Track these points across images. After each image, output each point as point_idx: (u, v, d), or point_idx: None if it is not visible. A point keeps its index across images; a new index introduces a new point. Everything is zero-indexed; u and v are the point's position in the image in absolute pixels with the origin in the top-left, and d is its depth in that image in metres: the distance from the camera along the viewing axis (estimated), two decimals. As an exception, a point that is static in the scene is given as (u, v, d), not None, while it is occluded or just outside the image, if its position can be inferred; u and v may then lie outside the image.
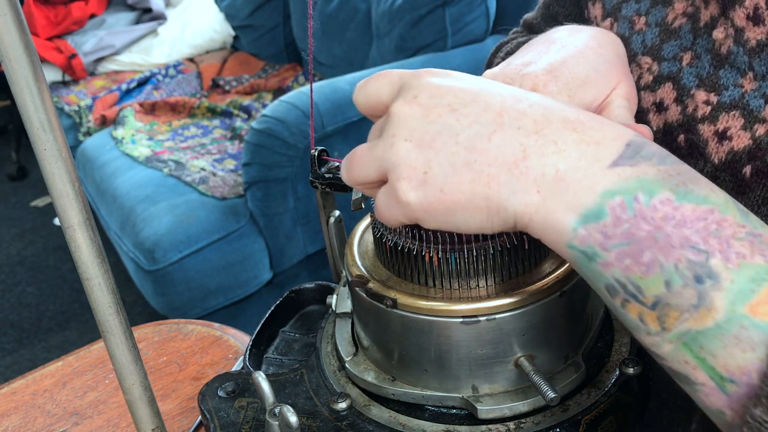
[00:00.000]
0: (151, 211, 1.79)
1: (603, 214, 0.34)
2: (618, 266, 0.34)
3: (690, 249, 0.32)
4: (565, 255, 0.36)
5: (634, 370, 0.48)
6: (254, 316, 1.83)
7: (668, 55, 0.54)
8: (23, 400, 0.70)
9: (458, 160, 0.36)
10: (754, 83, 0.48)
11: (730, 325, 0.31)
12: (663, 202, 0.33)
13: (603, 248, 0.34)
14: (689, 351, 0.33)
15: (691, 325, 0.32)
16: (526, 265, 0.46)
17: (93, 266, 0.43)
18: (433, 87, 0.39)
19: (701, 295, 0.32)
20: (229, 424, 0.51)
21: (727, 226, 0.33)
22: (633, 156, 0.35)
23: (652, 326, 0.33)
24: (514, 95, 0.38)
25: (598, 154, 0.35)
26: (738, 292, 0.31)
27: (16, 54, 0.37)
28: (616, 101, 0.50)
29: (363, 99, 0.43)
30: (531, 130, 0.36)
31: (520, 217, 0.36)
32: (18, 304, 2.50)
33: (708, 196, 0.34)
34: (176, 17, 2.94)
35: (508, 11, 1.94)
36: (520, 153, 0.36)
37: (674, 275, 0.32)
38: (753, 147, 0.47)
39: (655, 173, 0.34)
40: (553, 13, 0.73)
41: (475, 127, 0.37)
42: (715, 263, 0.32)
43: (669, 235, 0.32)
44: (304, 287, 0.66)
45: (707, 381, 0.33)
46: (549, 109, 0.37)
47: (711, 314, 0.32)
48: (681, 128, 0.52)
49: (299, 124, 1.65)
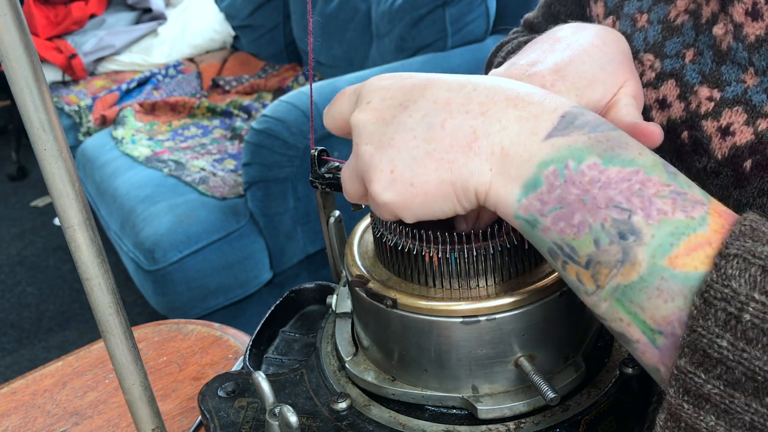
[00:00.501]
0: (151, 211, 1.79)
1: (539, 183, 0.36)
2: (554, 230, 0.36)
3: (614, 208, 0.34)
4: (515, 225, 0.38)
5: (634, 370, 0.48)
6: (254, 316, 1.83)
7: (671, 52, 0.54)
8: (23, 400, 0.70)
9: (419, 152, 0.38)
10: (755, 78, 0.48)
11: (652, 277, 0.33)
12: (590, 167, 0.35)
13: (541, 214, 0.36)
14: (621, 306, 0.34)
15: (620, 280, 0.34)
16: (526, 265, 0.46)
17: (93, 266, 0.43)
18: (383, 90, 0.41)
19: (625, 251, 0.33)
20: (229, 424, 0.51)
21: (651, 185, 0.34)
22: (566, 127, 0.37)
23: (588, 285, 0.35)
24: (459, 81, 0.40)
25: (535, 127, 0.37)
26: (658, 245, 0.33)
27: (16, 54, 0.37)
28: (624, 99, 0.50)
29: (331, 122, 0.46)
30: (477, 112, 0.38)
31: (480, 195, 0.38)
32: (18, 304, 2.50)
33: (635, 158, 0.35)
34: (176, 17, 2.94)
35: (508, 11, 1.94)
36: (471, 135, 0.38)
37: (601, 234, 0.34)
38: (755, 142, 0.47)
39: (585, 141, 0.36)
40: (554, 12, 0.73)
41: (427, 119, 0.39)
42: (637, 220, 0.33)
43: (595, 196, 0.34)
44: (304, 287, 0.66)
45: (641, 336, 0.34)
46: (492, 89, 0.39)
47: (635, 268, 0.33)
48: (684, 125, 0.52)
49: (299, 124, 1.65)
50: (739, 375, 0.30)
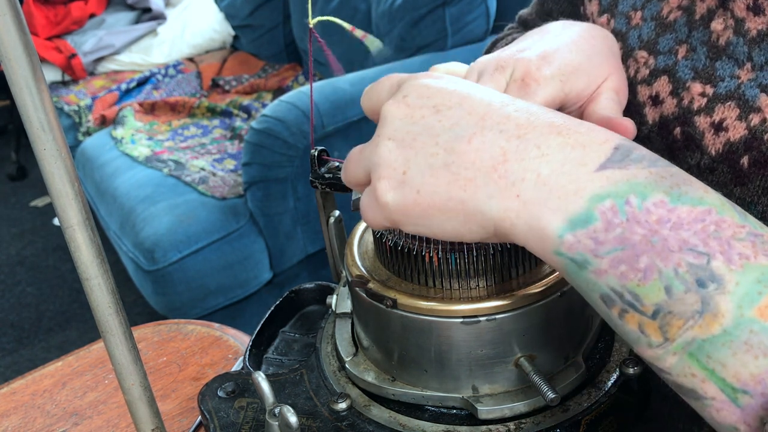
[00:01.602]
0: (150, 211, 1.79)
1: (592, 219, 0.32)
2: (613, 273, 0.32)
3: (689, 252, 0.31)
4: (553, 263, 0.34)
5: (634, 370, 0.48)
6: (254, 316, 1.83)
7: (664, 48, 0.54)
8: (23, 400, 0.70)
9: (437, 161, 0.36)
10: (751, 73, 0.48)
11: (738, 330, 0.30)
12: (657, 205, 0.32)
13: (595, 255, 0.32)
14: (696, 362, 0.31)
15: (697, 333, 0.30)
16: (527, 265, 0.46)
17: (93, 266, 0.43)
18: (423, 88, 0.39)
19: (705, 300, 0.30)
20: (229, 424, 0.51)
21: (726, 227, 0.31)
22: (622, 159, 0.33)
23: (653, 337, 0.32)
24: (502, 100, 0.37)
25: (584, 158, 0.34)
26: (744, 294, 0.30)
27: (16, 54, 0.37)
28: (606, 93, 0.50)
29: (367, 103, 0.43)
30: (513, 134, 0.35)
31: (500, 223, 0.35)
32: (18, 304, 2.50)
33: (703, 197, 0.32)
34: (176, 17, 2.94)
35: (508, 11, 1.94)
36: (500, 156, 0.35)
37: (674, 280, 0.31)
38: (749, 137, 0.47)
39: (646, 175, 0.33)
40: (547, 10, 0.73)
41: (456, 129, 0.36)
42: (718, 265, 0.30)
43: (666, 238, 0.31)
44: (304, 287, 0.66)
45: (717, 394, 0.31)
46: (534, 113, 0.36)
47: (717, 320, 0.30)
48: (677, 121, 0.52)
49: (299, 124, 1.64)
50: None
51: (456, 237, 0.37)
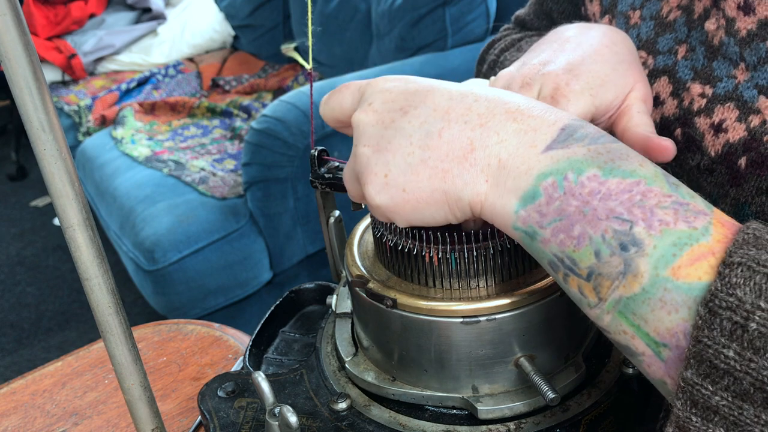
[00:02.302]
0: (150, 211, 1.79)
1: (538, 195, 0.36)
2: (554, 242, 0.35)
3: (615, 219, 0.34)
4: (514, 236, 0.38)
5: (634, 370, 0.48)
6: (254, 316, 1.83)
7: (663, 48, 0.54)
8: (23, 400, 0.70)
9: (414, 159, 0.39)
10: (746, 74, 0.48)
11: (654, 288, 0.32)
12: (590, 178, 0.35)
13: (540, 226, 0.36)
14: (625, 319, 0.34)
15: (622, 292, 0.33)
16: (526, 265, 0.46)
17: (93, 266, 0.43)
18: (386, 92, 0.42)
19: (627, 262, 0.33)
20: (229, 424, 0.51)
21: (652, 196, 0.34)
22: (566, 139, 0.37)
23: (590, 298, 0.35)
24: (461, 91, 0.40)
25: (534, 140, 0.37)
26: (660, 256, 0.32)
27: (16, 54, 0.37)
28: (636, 105, 0.50)
29: (329, 112, 0.46)
30: (476, 123, 0.38)
31: (474, 206, 0.38)
32: (18, 304, 2.50)
33: (635, 170, 0.35)
34: (176, 17, 2.94)
35: (508, 11, 1.93)
36: (468, 146, 0.38)
37: (602, 245, 0.34)
38: (748, 138, 0.47)
39: (585, 153, 0.36)
40: (546, 10, 0.73)
41: (425, 127, 0.39)
42: (639, 231, 0.33)
43: (595, 208, 0.34)
44: (304, 287, 0.66)
45: (645, 349, 0.33)
46: (493, 101, 0.39)
47: (637, 279, 0.33)
48: (677, 122, 0.52)
49: (299, 124, 1.64)
50: (747, 386, 0.30)
51: (446, 221, 0.40)
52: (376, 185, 0.40)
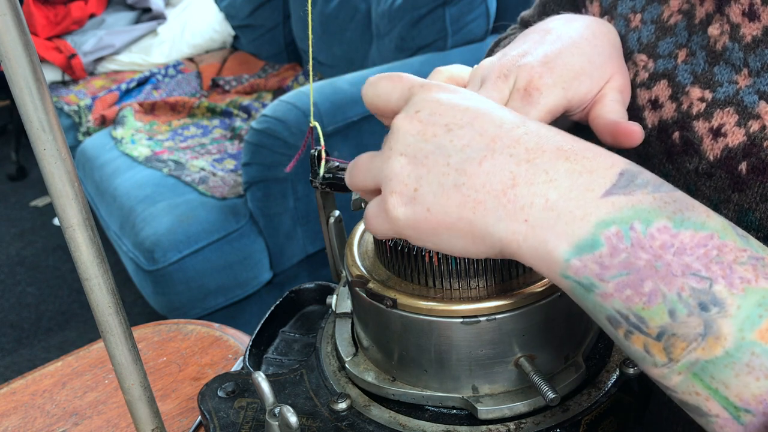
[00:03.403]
0: (150, 211, 1.79)
1: (598, 245, 0.33)
2: (618, 297, 0.33)
3: (692, 276, 0.32)
4: (561, 285, 0.35)
5: (634, 370, 0.48)
6: (254, 316, 1.83)
7: (663, 52, 0.54)
8: (23, 400, 0.70)
9: (448, 181, 0.37)
10: (748, 79, 0.48)
11: (740, 352, 0.31)
12: (660, 230, 0.33)
13: (600, 279, 0.33)
14: (700, 381, 0.32)
15: (700, 354, 0.31)
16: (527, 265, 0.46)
17: (93, 266, 0.43)
18: (435, 103, 0.39)
19: (708, 324, 0.31)
20: (229, 424, 0.51)
21: (728, 251, 0.32)
22: (627, 185, 0.34)
23: (658, 357, 0.33)
24: (513, 121, 0.38)
25: (590, 183, 0.34)
26: (746, 318, 0.31)
27: (16, 54, 0.37)
28: (610, 95, 0.50)
29: (373, 97, 0.43)
30: (523, 158, 0.36)
31: (507, 245, 0.36)
32: (18, 304, 2.50)
33: (705, 222, 0.33)
34: (176, 17, 2.94)
35: (508, 11, 1.94)
36: (509, 181, 0.35)
37: (678, 304, 0.32)
38: (748, 143, 0.47)
39: (651, 201, 0.33)
40: (549, 12, 0.73)
41: (467, 151, 0.37)
42: (719, 289, 0.31)
43: (669, 263, 0.32)
44: (304, 287, 0.66)
45: (721, 412, 0.32)
46: (543, 137, 0.37)
47: (719, 342, 0.31)
48: (676, 125, 0.52)
49: (299, 124, 1.65)
50: None
51: (463, 253, 0.38)
52: (402, 196, 0.38)
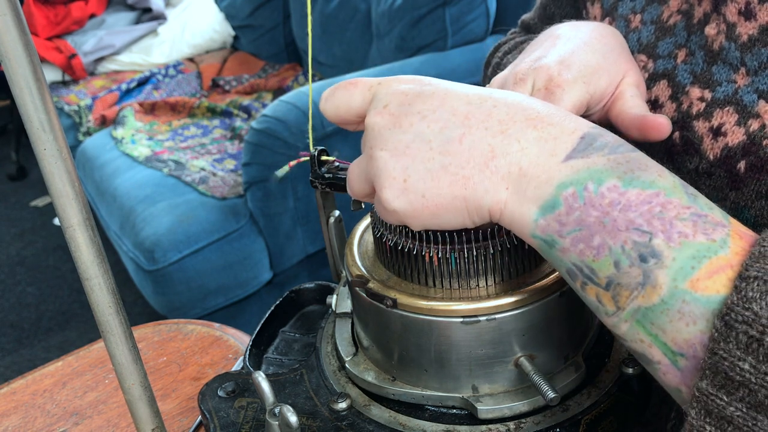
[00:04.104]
0: (150, 211, 1.79)
1: (558, 205, 0.36)
2: (573, 251, 0.36)
3: (634, 231, 0.34)
4: (532, 244, 0.38)
5: (634, 370, 0.48)
6: (254, 316, 1.83)
7: (663, 52, 0.54)
8: (23, 400, 0.70)
9: (434, 165, 0.38)
10: (746, 78, 0.48)
11: (673, 300, 0.33)
12: (610, 189, 0.35)
13: (559, 235, 0.36)
14: (642, 328, 0.34)
15: (641, 302, 0.34)
16: (526, 265, 0.46)
17: (93, 266, 0.43)
18: (401, 95, 0.41)
19: (646, 273, 0.33)
20: (229, 424, 0.51)
21: (672, 207, 0.34)
22: (585, 148, 0.37)
23: (608, 306, 0.35)
24: (480, 95, 0.40)
25: (554, 149, 0.37)
26: (679, 269, 0.33)
27: (16, 54, 0.37)
28: (629, 90, 0.51)
29: (332, 110, 0.44)
30: (497, 130, 0.38)
31: (494, 213, 0.38)
32: (18, 304, 2.50)
33: (655, 180, 0.35)
34: (176, 17, 2.94)
35: (508, 11, 1.94)
36: (489, 153, 0.38)
37: (621, 256, 0.34)
38: (747, 142, 0.47)
39: (605, 162, 0.36)
40: (549, 14, 0.74)
41: (445, 132, 0.39)
42: (658, 243, 0.33)
43: (615, 219, 0.34)
44: (304, 287, 0.66)
45: (662, 358, 0.34)
46: (513, 106, 0.39)
47: (656, 291, 0.33)
48: (676, 125, 0.52)
49: (299, 124, 1.65)
50: (762, 398, 0.30)
51: (462, 226, 0.40)
52: (394, 190, 0.39)
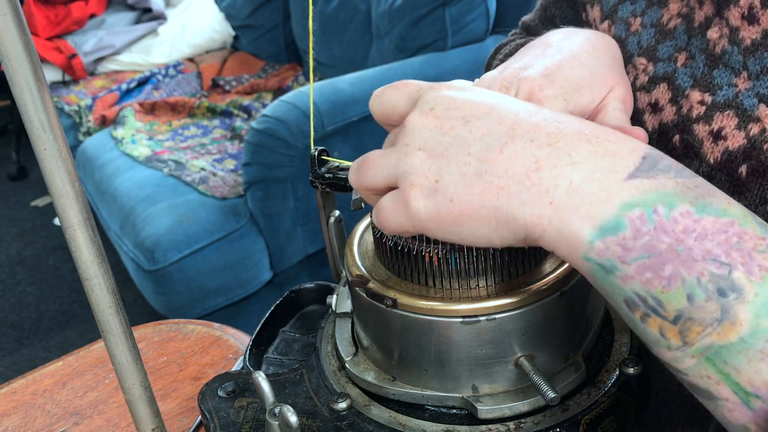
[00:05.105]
0: (151, 211, 1.79)
1: (622, 227, 0.33)
2: (638, 279, 0.33)
3: (712, 262, 0.32)
4: (581, 267, 0.36)
5: (634, 370, 0.48)
6: (254, 316, 1.83)
7: (663, 55, 0.54)
8: (23, 400, 0.70)
9: (469, 170, 0.37)
10: (748, 82, 0.48)
11: (754, 339, 0.31)
12: (683, 215, 0.33)
13: (622, 261, 0.33)
14: (712, 366, 0.32)
15: (715, 339, 0.32)
16: (526, 265, 0.46)
17: (93, 266, 0.43)
18: (449, 99, 0.39)
19: (725, 309, 0.31)
20: (229, 424, 0.51)
21: (748, 238, 0.32)
22: (650, 168, 0.34)
23: (673, 341, 0.33)
24: (529, 109, 0.38)
25: (614, 166, 0.35)
26: (762, 305, 0.31)
27: (16, 54, 0.37)
28: (612, 104, 0.51)
29: (380, 107, 0.43)
30: (544, 142, 0.36)
31: (532, 229, 0.36)
32: (18, 304, 2.50)
33: (727, 209, 0.33)
34: (176, 17, 2.94)
35: (508, 11, 1.94)
36: (532, 165, 0.35)
37: (696, 289, 0.32)
38: (748, 146, 0.47)
39: (674, 186, 0.34)
40: (550, 16, 0.74)
41: (487, 139, 0.37)
42: (738, 276, 0.31)
43: (690, 248, 0.32)
44: (304, 287, 0.66)
45: (731, 396, 0.32)
46: (562, 122, 0.37)
47: (735, 328, 0.31)
48: (676, 128, 0.52)
49: (299, 124, 1.65)
50: None
51: (486, 243, 0.38)
52: (424, 189, 0.37)
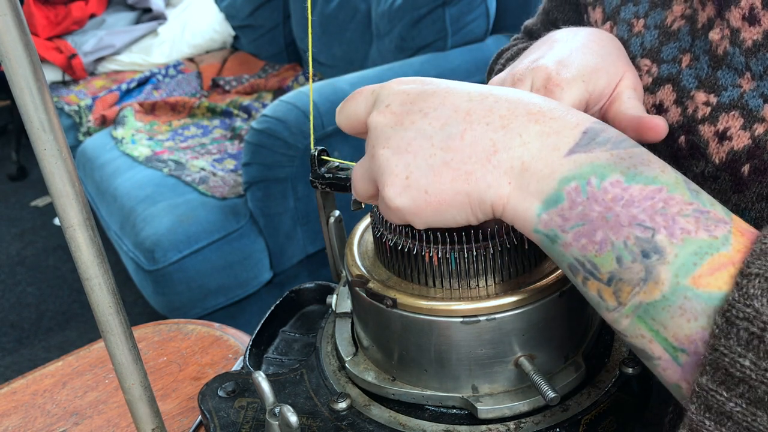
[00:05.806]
0: (151, 211, 1.79)
1: (561, 199, 0.36)
2: (575, 246, 0.36)
3: (637, 226, 0.34)
4: (534, 239, 0.38)
5: (634, 370, 0.48)
6: (254, 316, 1.83)
7: (667, 57, 0.54)
8: (23, 400, 0.70)
9: (436, 161, 0.39)
10: (752, 83, 0.48)
11: (675, 296, 0.33)
12: (613, 184, 0.35)
13: (562, 230, 0.36)
14: (643, 323, 0.34)
15: (642, 298, 0.34)
16: (526, 264, 0.46)
17: (93, 266, 0.43)
18: (402, 94, 0.41)
19: (648, 269, 0.34)
20: (229, 424, 0.51)
21: (674, 204, 0.34)
22: (588, 143, 0.37)
23: (609, 302, 0.35)
24: (481, 92, 0.40)
25: (557, 143, 0.37)
26: (681, 265, 0.33)
27: (16, 54, 0.37)
28: (626, 92, 0.51)
29: (345, 120, 0.45)
30: (498, 125, 0.38)
31: (496, 208, 0.38)
32: (18, 304, 2.50)
33: (657, 176, 0.35)
34: (176, 17, 2.94)
35: (508, 11, 1.94)
36: (490, 148, 0.38)
37: (624, 252, 0.34)
38: (752, 146, 0.47)
39: (608, 158, 0.36)
40: (552, 19, 0.74)
41: (447, 129, 0.39)
42: (661, 239, 0.34)
43: (618, 214, 0.34)
44: (304, 287, 0.66)
45: (662, 353, 0.34)
46: (514, 102, 0.39)
47: (658, 287, 0.33)
48: (681, 129, 0.52)
49: (299, 124, 1.64)
50: (762, 394, 0.30)
51: (466, 223, 0.40)
52: (396, 187, 0.39)
